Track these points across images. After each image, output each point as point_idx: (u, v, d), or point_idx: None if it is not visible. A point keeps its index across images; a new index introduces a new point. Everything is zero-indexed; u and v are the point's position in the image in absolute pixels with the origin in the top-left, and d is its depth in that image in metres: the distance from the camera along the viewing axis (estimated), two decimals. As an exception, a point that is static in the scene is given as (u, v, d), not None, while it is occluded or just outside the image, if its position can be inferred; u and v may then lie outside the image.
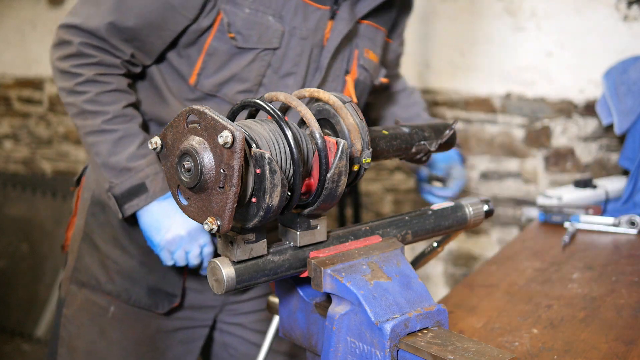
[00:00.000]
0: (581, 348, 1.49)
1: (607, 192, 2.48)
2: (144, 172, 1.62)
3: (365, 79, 1.83)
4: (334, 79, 1.76)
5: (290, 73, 1.67)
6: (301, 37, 1.65)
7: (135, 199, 1.62)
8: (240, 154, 1.10)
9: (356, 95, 1.80)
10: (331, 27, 1.69)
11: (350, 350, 1.23)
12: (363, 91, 1.85)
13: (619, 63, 2.72)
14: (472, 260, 3.48)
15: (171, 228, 1.59)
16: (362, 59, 1.80)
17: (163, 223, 1.60)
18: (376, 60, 1.85)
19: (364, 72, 1.82)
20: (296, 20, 1.64)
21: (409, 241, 1.43)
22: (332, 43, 1.69)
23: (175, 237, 1.60)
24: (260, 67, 1.64)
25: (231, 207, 1.13)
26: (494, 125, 3.28)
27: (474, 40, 3.25)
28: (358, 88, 1.81)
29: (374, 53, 1.83)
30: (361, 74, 1.81)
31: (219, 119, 1.12)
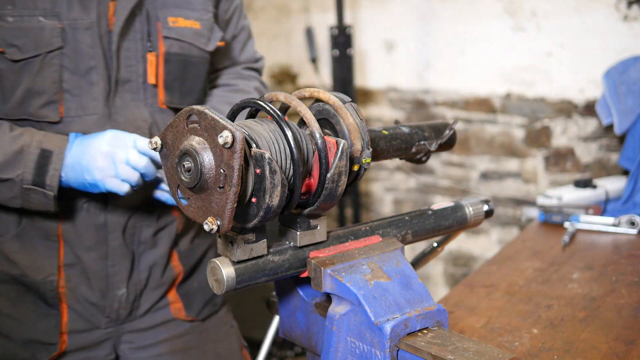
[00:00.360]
0: (581, 348, 1.49)
1: (607, 192, 2.48)
2: (34, 142, 1.47)
3: (183, 50, 1.66)
4: (132, 61, 1.59)
5: (91, 68, 1.54)
6: (85, 27, 1.52)
7: (48, 166, 1.46)
8: (240, 154, 1.10)
9: (175, 69, 1.64)
10: (114, 8, 1.55)
11: (350, 350, 1.23)
12: (187, 63, 1.67)
13: (619, 63, 2.72)
14: (472, 260, 3.48)
15: (94, 157, 1.44)
16: (168, 29, 1.63)
17: (83, 162, 1.45)
18: (197, 26, 1.68)
19: (176, 43, 1.65)
20: (74, 12, 1.51)
21: (409, 241, 1.43)
22: (117, 25, 1.56)
23: (103, 158, 1.44)
24: (52, 73, 1.51)
25: (231, 207, 1.13)
26: (494, 125, 3.28)
27: (474, 40, 3.25)
28: (173, 62, 1.64)
29: (188, 19, 1.66)
30: (172, 45, 1.64)
31: (219, 119, 1.12)
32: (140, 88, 1.61)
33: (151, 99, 1.64)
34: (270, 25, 3.88)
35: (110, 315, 1.69)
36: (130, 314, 1.72)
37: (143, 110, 1.62)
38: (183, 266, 1.79)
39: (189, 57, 1.68)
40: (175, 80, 1.66)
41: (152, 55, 1.61)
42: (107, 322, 1.69)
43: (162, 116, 1.67)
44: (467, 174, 3.41)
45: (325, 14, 3.58)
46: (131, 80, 1.60)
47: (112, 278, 1.66)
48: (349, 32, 3.24)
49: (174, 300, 1.79)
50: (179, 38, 1.65)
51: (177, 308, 1.80)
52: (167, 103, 1.66)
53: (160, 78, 1.63)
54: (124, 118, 1.59)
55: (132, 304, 1.71)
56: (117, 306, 1.68)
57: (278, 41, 3.88)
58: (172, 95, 1.67)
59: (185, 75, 1.68)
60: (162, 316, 1.78)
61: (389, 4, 3.45)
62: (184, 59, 1.66)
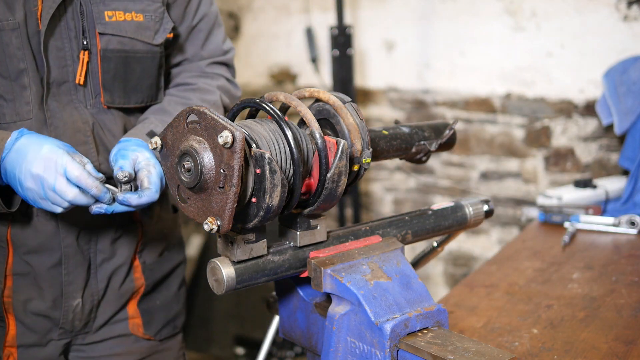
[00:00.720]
0: (581, 348, 1.49)
1: (607, 192, 2.49)
2: None
3: (124, 45, 1.54)
4: (66, 61, 1.49)
5: (21, 71, 1.44)
6: (12, 28, 1.43)
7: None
8: (240, 154, 1.10)
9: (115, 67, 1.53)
10: (41, 4, 1.45)
11: (350, 350, 1.23)
12: (130, 59, 1.56)
13: (619, 63, 2.72)
14: (472, 260, 3.48)
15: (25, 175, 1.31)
16: (104, 25, 1.51)
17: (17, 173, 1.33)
18: (139, 18, 1.55)
19: (115, 39, 1.53)
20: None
21: (409, 241, 1.43)
22: (44, 23, 1.45)
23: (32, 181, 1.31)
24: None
25: (231, 207, 1.13)
26: (494, 125, 3.28)
27: (474, 40, 3.25)
28: (113, 59, 1.53)
29: (128, 12, 1.54)
30: (109, 42, 1.52)
31: (219, 119, 1.12)
32: (77, 89, 1.51)
33: (93, 99, 1.54)
34: (270, 25, 3.88)
35: (65, 327, 1.59)
36: (85, 326, 1.62)
37: (83, 112, 1.52)
38: (146, 279, 1.68)
39: (132, 53, 1.56)
40: (116, 78, 1.55)
41: (84, 54, 1.50)
42: (61, 333, 1.59)
43: (107, 117, 1.57)
44: (467, 174, 3.41)
45: (325, 14, 3.58)
46: (67, 81, 1.50)
47: (66, 287, 1.56)
48: (349, 32, 3.24)
49: (134, 315, 1.69)
50: (117, 33, 1.53)
51: (135, 324, 1.69)
52: (107, 103, 1.56)
53: (100, 77, 1.53)
54: (62, 121, 1.49)
55: (88, 315, 1.61)
56: (72, 317, 1.58)
57: (278, 41, 3.88)
58: (112, 95, 1.56)
59: (128, 72, 1.56)
60: (118, 329, 1.68)
61: (389, 4, 3.45)
62: (125, 55, 1.55)
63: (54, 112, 1.49)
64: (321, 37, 3.54)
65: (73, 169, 1.30)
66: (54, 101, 1.49)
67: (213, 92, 1.74)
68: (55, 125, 1.49)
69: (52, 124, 1.48)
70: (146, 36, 1.57)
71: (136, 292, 1.68)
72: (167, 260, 1.76)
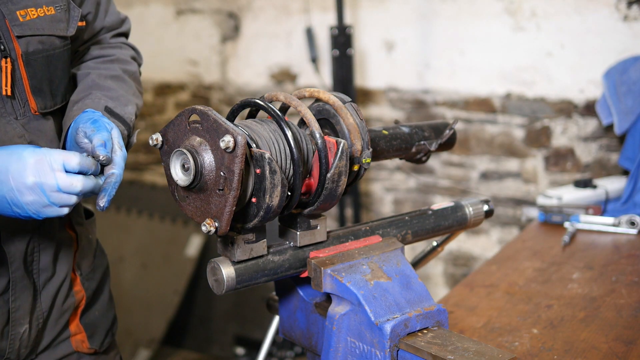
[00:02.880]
0: (581, 348, 1.49)
1: (607, 192, 2.48)
2: None
3: (44, 45, 1.42)
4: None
5: None
6: None
7: None
8: (242, 159, 1.10)
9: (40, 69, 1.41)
10: None
11: (350, 350, 1.23)
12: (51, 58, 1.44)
13: (619, 63, 2.72)
14: (472, 260, 3.48)
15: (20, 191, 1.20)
16: (19, 26, 1.37)
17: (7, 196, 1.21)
18: (51, 12, 1.42)
19: (34, 39, 1.39)
20: None
21: (409, 241, 1.43)
22: None
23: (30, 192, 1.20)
24: None
25: (229, 211, 1.14)
26: (494, 125, 3.28)
27: (474, 40, 3.24)
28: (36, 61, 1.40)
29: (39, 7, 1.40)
30: (29, 44, 1.39)
31: (222, 122, 1.12)
32: (5, 101, 1.37)
33: (22, 109, 1.40)
34: (270, 25, 3.88)
35: (10, 357, 1.47)
36: (31, 352, 1.51)
37: (15, 125, 1.38)
38: (86, 290, 1.59)
39: (52, 51, 1.43)
40: (43, 82, 1.43)
41: (6, 62, 1.35)
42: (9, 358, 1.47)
43: (39, 124, 1.44)
44: (467, 174, 3.41)
45: (325, 14, 3.57)
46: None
47: (13, 314, 1.44)
48: (349, 32, 3.24)
49: (76, 332, 1.60)
50: (35, 33, 1.39)
51: (78, 340, 1.60)
52: (40, 110, 1.43)
53: (26, 84, 1.39)
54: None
55: (34, 341, 1.50)
56: (18, 345, 1.47)
57: (278, 41, 3.88)
58: (44, 99, 1.44)
59: (52, 72, 1.44)
60: (61, 350, 1.58)
61: (389, 4, 3.45)
62: (47, 54, 1.42)
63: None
64: (321, 37, 3.54)
65: (70, 158, 1.21)
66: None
67: (131, 62, 1.66)
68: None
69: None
70: (60, 29, 1.44)
71: (77, 306, 1.60)
72: (98, 268, 1.67)
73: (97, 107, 1.45)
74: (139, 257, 3.89)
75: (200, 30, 4.14)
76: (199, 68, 4.20)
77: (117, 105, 1.51)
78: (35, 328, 1.49)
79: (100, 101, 1.47)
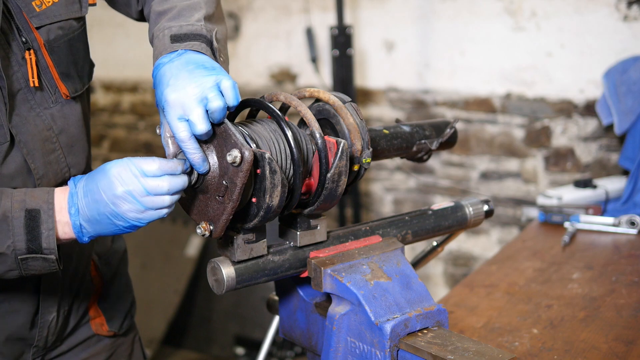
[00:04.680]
0: (581, 348, 1.49)
1: (607, 192, 2.48)
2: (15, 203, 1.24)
3: (64, 30, 1.42)
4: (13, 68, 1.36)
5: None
6: None
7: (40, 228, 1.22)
8: (246, 174, 1.10)
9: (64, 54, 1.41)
10: None
11: (350, 350, 1.23)
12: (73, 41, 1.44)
13: (619, 63, 2.72)
14: (472, 260, 3.48)
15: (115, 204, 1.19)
16: (37, 17, 1.37)
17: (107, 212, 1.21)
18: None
19: (54, 27, 1.40)
20: None
21: (409, 241, 1.43)
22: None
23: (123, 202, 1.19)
24: None
25: (226, 219, 1.14)
26: (494, 125, 3.28)
27: (474, 40, 3.25)
28: (60, 48, 1.41)
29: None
30: (50, 32, 1.39)
31: (232, 132, 1.11)
32: (34, 92, 1.38)
33: (52, 96, 1.41)
34: (270, 25, 3.88)
35: (38, 345, 1.51)
36: (56, 339, 1.54)
37: (45, 117, 1.40)
38: (103, 275, 1.61)
39: (72, 34, 1.43)
40: (70, 65, 1.43)
41: (30, 54, 1.36)
42: (35, 352, 1.51)
43: (71, 109, 1.45)
44: (467, 174, 3.41)
45: (325, 14, 3.57)
46: (21, 88, 1.36)
47: (43, 303, 1.47)
48: (349, 32, 3.24)
49: (95, 315, 1.62)
50: (53, 20, 1.39)
51: (98, 323, 1.62)
52: (72, 94, 1.44)
53: (53, 71, 1.40)
54: (30, 136, 1.36)
55: (60, 328, 1.53)
56: (47, 333, 1.50)
57: (278, 41, 3.88)
58: (74, 83, 1.44)
59: (75, 55, 1.45)
60: (82, 334, 1.60)
61: (389, 4, 3.45)
62: (68, 38, 1.42)
63: (19, 127, 1.35)
64: (321, 37, 3.53)
65: (147, 164, 1.18)
66: (15, 116, 1.35)
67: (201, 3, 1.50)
68: (24, 142, 1.36)
69: (20, 140, 1.35)
70: (75, 11, 1.44)
71: (95, 290, 1.62)
72: (114, 252, 1.69)
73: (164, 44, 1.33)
74: (139, 257, 3.89)
75: (200, 30, 4.13)
76: (199, 68, 4.20)
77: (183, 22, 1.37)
78: (62, 315, 1.53)
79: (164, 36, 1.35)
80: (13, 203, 1.23)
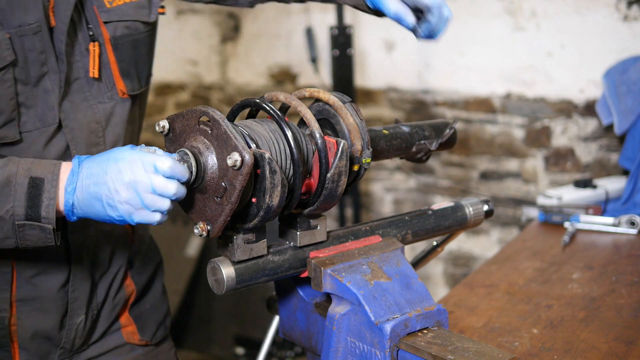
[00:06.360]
0: (581, 348, 1.49)
1: (607, 192, 2.49)
2: (21, 170, 1.24)
3: (130, 30, 1.47)
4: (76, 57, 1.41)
5: (42, 74, 1.36)
6: (34, 32, 1.33)
7: (41, 196, 1.22)
8: (246, 177, 1.10)
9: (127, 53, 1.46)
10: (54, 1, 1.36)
11: (350, 350, 1.23)
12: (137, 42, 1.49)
13: (619, 63, 2.72)
14: (472, 260, 3.48)
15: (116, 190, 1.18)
16: (106, 12, 1.43)
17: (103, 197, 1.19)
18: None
19: (120, 25, 1.45)
20: (17, 18, 1.31)
21: (409, 241, 1.43)
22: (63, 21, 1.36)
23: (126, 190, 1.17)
24: (7, 89, 1.33)
25: (224, 220, 1.14)
26: (494, 125, 3.28)
27: (474, 40, 3.25)
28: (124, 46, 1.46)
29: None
30: (116, 29, 1.45)
31: (232, 135, 1.11)
32: (91, 84, 1.43)
33: (109, 92, 1.46)
34: (270, 25, 3.88)
35: (65, 346, 1.53)
36: (83, 343, 1.57)
37: (97, 110, 1.44)
38: (136, 285, 1.63)
39: (137, 35, 1.49)
40: (131, 64, 1.48)
41: (94, 46, 1.41)
42: (61, 353, 1.53)
43: (124, 107, 1.49)
44: (467, 174, 3.41)
45: (325, 14, 3.58)
46: (78, 78, 1.41)
47: (72, 305, 1.50)
48: (349, 32, 3.24)
49: (127, 324, 1.63)
50: (121, 19, 1.45)
51: (129, 332, 1.64)
52: (129, 92, 1.48)
53: (114, 67, 1.45)
54: (77, 123, 1.40)
55: (87, 332, 1.55)
56: (74, 335, 1.52)
57: (278, 41, 3.88)
58: (132, 81, 1.49)
59: (137, 56, 1.50)
60: (113, 341, 1.62)
61: (389, 4, 3.45)
62: (133, 38, 1.48)
63: (68, 113, 1.40)
64: (321, 37, 3.53)
65: (163, 162, 1.15)
66: (68, 102, 1.40)
67: None
68: (71, 128, 1.40)
69: (67, 126, 1.39)
70: (143, 15, 1.50)
71: (127, 299, 1.63)
72: (149, 262, 1.70)
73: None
74: (139, 257, 3.89)
75: (200, 30, 4.14)
76: (199, 68, 4.21)
77: None
78: (90, 319, 1.55)
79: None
80: (19, 169, 1.23)
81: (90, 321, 1.55)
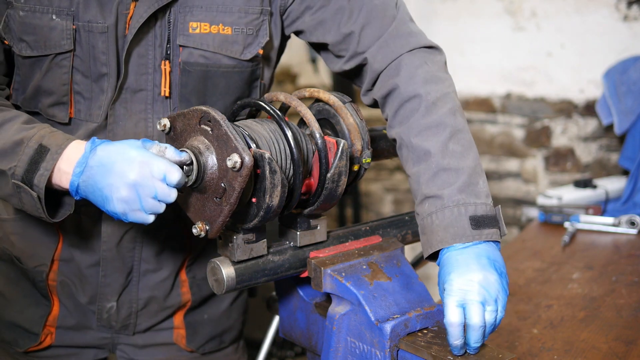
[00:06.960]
0: (581, 348, 1.49)
1: (607, 192, 2.48)
2: (37, 136, 1.28)
3: (207, 59, 1.45)
4: (147, 69, 1.43)
5: (102, 75, 1.40)
6: (100, 31, 1.38)
7: (40, 164, 1.26)
8: (245, 179, 1.10)
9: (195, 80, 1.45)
10: (134, 9, 1.39)
11: (350, 350, 1.23)
12: (212, 74, 1.46)
13: (619, 63, 2.72)
14: (472, 260, 3.48)
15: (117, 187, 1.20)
16: (185, 36, 1.42)
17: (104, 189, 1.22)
18: (227, 32, 1.45)
19: (196, 52, 1.44)
20: (90, 14, 1.37)
21: (409, 241, 1.43)
22: (132, 29, 1.39)
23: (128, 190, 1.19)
24: (62, 74, 1.40)
25: (223, 220, 1.14)
26: (494, 125, 3.28)
27: (474, 40, 3.25)
28: (193, 73, 1.45)
29: (215, 24, 1.44)
30: (191, 55, 1.44)
31: (232, 136, 1.11)
32: (156, 100, 1.44)
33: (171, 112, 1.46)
34: (270, 25, 3.88)
35: (102, 324, 1.59)
36: (124, 328, 1.61)
37: (149, 124, 1.44)
38: (193, 295, 1.63)
39: (215, 68, 1.45)
40: (194, 92, 1.46)
41: (165, 64, 1.43)
42: (99, 325, 1.59)
43: None
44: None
45: (325, 14, 3.57)
46: (144, 89, 1.43)
47: (102, 288, 1.55)
48: (349, 32, 3.23)
49: (179, 326, 1.65)
50: (198, 47, 1.44)
51: (179, 334, 1.66)
52: None
53: (176, 89, 1.45)
54: (123, 130, 1.43)
55: (125, 319, 1.59)
56: (107, 317, 1.58)
57: (278, 41, 3.88)
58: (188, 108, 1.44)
59: (208, 87, 1.47)
60: (162, 337, 1.65)
61: (389, 4, 3.45)
62: (206, 69, 1.45)
63: (118, 118, 1.42)
64: (321, 37, 3.54)
65: (173, 175, 1.17)
66: (122, 107, 1.42)
67: None
68: (114, 132, 1.42)
69: (111, 130, 1.42)
70: (233, 51, 1.46)
71: (182, 305, 1.64)
72: None
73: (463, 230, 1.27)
74: (139, 257, 3.89)
75: (200, 30, 4.13)
76: (199, 68, 4.20)
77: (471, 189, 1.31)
78: (126, 310, 1.58)
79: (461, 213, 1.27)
80: (37, 134, 1.29)
81: (127, 311, 1.58)
